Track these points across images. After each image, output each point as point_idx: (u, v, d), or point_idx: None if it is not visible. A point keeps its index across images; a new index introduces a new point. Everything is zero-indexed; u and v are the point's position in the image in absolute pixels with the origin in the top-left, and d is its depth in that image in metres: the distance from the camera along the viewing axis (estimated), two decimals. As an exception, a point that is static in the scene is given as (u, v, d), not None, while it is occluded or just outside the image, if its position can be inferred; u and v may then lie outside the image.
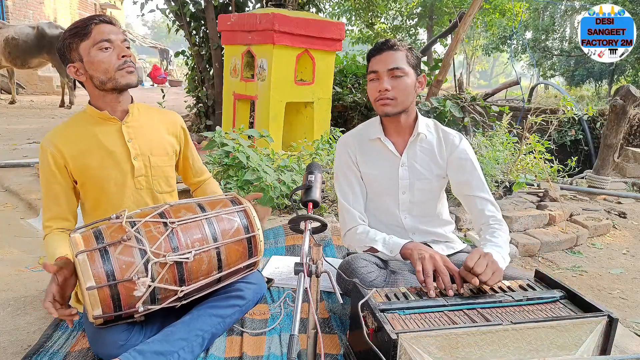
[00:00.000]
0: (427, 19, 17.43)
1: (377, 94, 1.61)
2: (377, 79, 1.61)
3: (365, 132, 1.76)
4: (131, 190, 1.56)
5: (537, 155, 3.73)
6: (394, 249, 1.59)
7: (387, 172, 1.72)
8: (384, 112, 1.62)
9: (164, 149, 1.63)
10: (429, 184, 1.72)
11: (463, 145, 1.71)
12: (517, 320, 1.22)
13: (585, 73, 15.75)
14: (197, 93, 5.99)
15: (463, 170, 1.69)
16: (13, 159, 4.45)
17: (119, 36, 1.46)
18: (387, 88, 1.58)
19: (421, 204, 1.75)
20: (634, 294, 2.37)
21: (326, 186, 3.29)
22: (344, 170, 1.76)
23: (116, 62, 1.44)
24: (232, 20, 4.51)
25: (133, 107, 1.58)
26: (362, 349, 1.34)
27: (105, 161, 1.51)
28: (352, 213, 1.73)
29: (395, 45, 1.60)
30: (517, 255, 2.74)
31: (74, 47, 1.45)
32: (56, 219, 1.51)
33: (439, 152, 1.71)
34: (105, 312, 1.21)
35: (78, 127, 1.53)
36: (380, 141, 1.71)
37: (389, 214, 1.76)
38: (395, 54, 1.59)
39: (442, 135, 1.73)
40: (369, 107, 5.86)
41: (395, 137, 1.71)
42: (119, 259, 1.23)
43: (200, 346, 1.42)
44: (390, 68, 1.58)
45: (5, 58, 8.19)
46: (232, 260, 1.40)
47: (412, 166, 1.71)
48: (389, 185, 1.72)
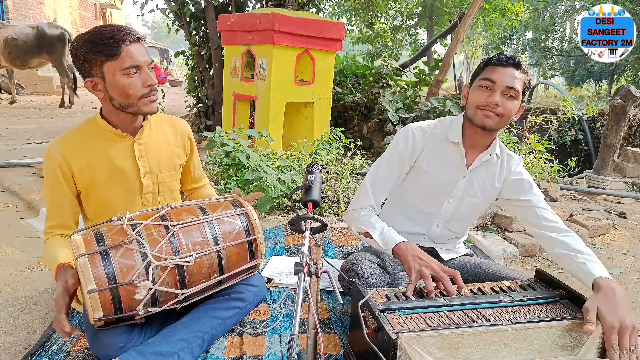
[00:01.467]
0: (427, 19, 17.44)
1: (485, 102, 1.52)
2: (490, 89, 1.52)
3: (441, 131, 1.68)
4: (138, 207, 1.53)
5: (537, 155, 3.74)
6: (388, 242, 1.53)
7: (448, 178, 1.68)
8: (483, 123, 1.54)
9: (172, 163, 1.61)
10: (476, 204, 1.71)
11: (520, 168, 1.69)
12: (518, 320, 1.22)
13: (585, 73, 15.77)
14: (197, 93, 5.99)
15: (522, 188, 1.65)
16: (13, 159, 4.45)
17: (146, 58, 1.39)
18: (499, 103, 1.50)
19: (460, 220, 1.74)
20: (634, 294, 2.37)
21: (326, 186, 3.29)
22: (393, 159, 1.69)
23: (141, 90, 1.38)
24: (232, 20, 4.51)
25: (146, 123, 1.53)
26: (362, 349, 1.34)
27: (113, 177, 1.48)
28: (368, 197, 1.68)
29: (521, 66, 1.53)
30: (517, 255, 2.74)
31: (97, 64, 1.34)
32: (59, 227, 1.48)
33: (499, 174, 1.69)
34: (106, 314, 1.21)
35: (88, 139, 1.47)
36: (456, 146, 1.65)
37: (422, 215, 1.74)
38: (517, 74, 1.52)
39: (506, 158, 1.69)
40: (369, 107, 5.86)
41: (469, 147, 1.66)
42: (120, 262, 1.23)
43: (200, 347, 1.42)
44: (509, 86, 1.50)
45: (5, 58, 8.19)
46: (233, 263, 1.40)
47: (471, 181, 1.68)
48: (442, 190, 1.69)
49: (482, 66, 1.58)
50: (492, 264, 1.73)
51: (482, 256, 2.62)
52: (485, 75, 1.54)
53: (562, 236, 1.51)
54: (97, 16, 18.09)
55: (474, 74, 1.63)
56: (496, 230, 2.99)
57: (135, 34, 1.37)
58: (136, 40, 1.37)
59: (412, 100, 5.72)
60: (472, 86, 1.60)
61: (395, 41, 16.35)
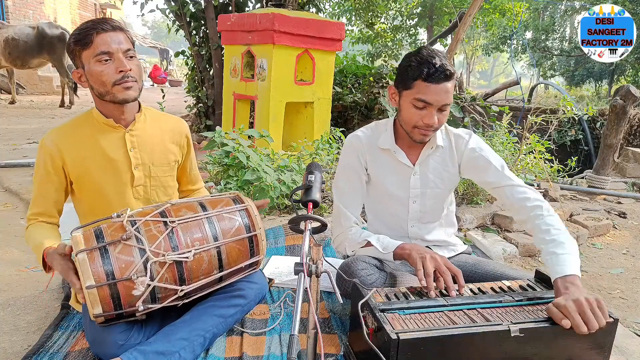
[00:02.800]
0: (427, 19, 17.44)
1: (422, 124, 1.50)
2: (425, 109, 1.48)
3: (375, 139, 1.68)
4: (129, 199, 1.54)
5: (537, 155, 3.73)
6: (388, 246, 1.57)
7: (398, 180, 1.68)
8: (422, 140, 1.56)
9: (166, 158, 1.61)
10: (440, 193, 1.70)
11: (472, 143, 1.65)
12: (517, 320, 1.22)
13: (585, 73, 15.77)
14: (197, 93, 5.99)
15: (477, 168, 1.64)
16: (13, 159, 4.45)
17: (121, 46, 1.39)
18: (435, 123, 1.49)
19: (431, 212, 1.73)
20: (634, 294, 2.37)
21: (326, 186, 3.29)
22: (349, 173, 1.71)
23: (114, 77, 1.39)
24: (232, 20, 4.51)
25: (140, 115, 1.55)
26: (362, 349, 1.34)
27: (105, 168, 1.50)
28: (348, 217, 1.69)
29: (452, 75, 1.46)
30: (517, 255, 2.75)
31: (77, 54, 1.41)
32: (42, 215, 1.51)
33: (450, 158, 1.67)
34: (105, 310, 1.22)
35: (82, 130, 1.50)
36: (391, 152, 1.66)
37: (397, 217, 1.74)
38: (449, 85, 1.47)
39: (454, 140, 1.67)
40: (369, 107, 5.87)
41: (408, 146, 1.66)
42: (118, 258, 1.23)
43: (202, 346, 1.42)
44: (445, 104, 1.48)
45: (5, 58, 8.18)
46: (233, 260, 1.40)
47: (424, 175, 1.67)
48: (400, 194, 1.69)
49: (411, 79, 1.47)
50: (492, 263, 1.73)
51: (482, 256, 2.62)
52: (419, 96, 1.47)
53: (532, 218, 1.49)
54: (97, 16, 18.08)
55: (402, 77, 1.52)
56: (496, 230, 2.99)
57: (111, 23, 1.41)
58: (111, 29, 1.39)
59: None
60: (403, 98, 1.53)
61: (395, 41, 16.35)
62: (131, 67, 1.41)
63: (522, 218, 1.54)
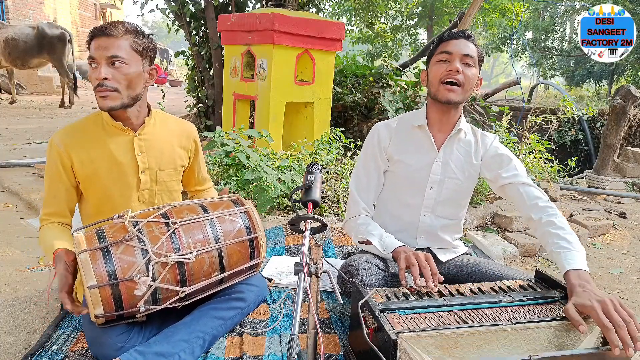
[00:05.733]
0: (427, 19, 17.43)
1: (445, 73, 1.57)
2: (447, 61, 1.58)
3: (409, 119, 1.75)
4: (134, 202, 1.54)
5: (537, 155, 3.74)
6: (387, 247, 1.59)
7: (421, 163, 1.70)
8: (448, 98, 1.58)
9: (173, 163, 1.61)
10: (459, 185, 1.71)
11: (496, 143, 1.73)
12: (517, 320, 1.22)
13: (585, 73, 15.76)
14: (197, 93, 5.98)
15: (499, 163, 1.66)
16: (13, 159, 4.45)
17: (105, 52, 1.36)
18: (459, 69, 1.55)
19: (446, 205, 1.73)
20: (634, 294, 2.37)
21: (326, 186, 3.29)
22: (367, 159, 1.76)
23: (94, 82, 1.39)
24: (232, 20, 4.51)
25: (150, 119, 1.54)
26: (362, 349, 1.34)
27: (112, 171, 1.50)
28: (357, 202, 1.74)
29: (472, 38, 1.60)
30: (517, 255, 2.75)
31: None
32: (54, 215, 1.51)
33: (474, 152, 1.71)
34: (106, 310, 1.22)
35: (91, 131, 1.50)
36: (422, 130, 1.70)
37: (409, 208, 1.74)
38: (469, 44, 1.59)
39: (480, 137, 1.73)
40: (369, 107, 5.86)
41: (437, 131, 1.70)
42: (120, 258, 1.24)
43: (201, 348, 1.42)
44: (465, 54, 1.56)
45: (5, 58, 8.18)
46: (234, 261, 1.40)
47: (446, 163, 1.70)
48: (419, 177, 1.70)
49: (434, 46, 1.65)
50: (492, 263, 1.73)
51: (482, 256, 2.62)
52: (442, 49, 1.60)
53: (545, 216, 1.50)
54: (97, 16, 18.09)
55: (428, 56, 1.67)
56: (496, 230, 3.00)
57: (105, 29, 1.38)
58: (102, 34, 1.37)
59: (412, 100, 5.72)
60: (430, 67, 1.64)
61: (395, 41, 16.34)
62: (109, 75, 1.36)
63: (531, 215, 1.55)
